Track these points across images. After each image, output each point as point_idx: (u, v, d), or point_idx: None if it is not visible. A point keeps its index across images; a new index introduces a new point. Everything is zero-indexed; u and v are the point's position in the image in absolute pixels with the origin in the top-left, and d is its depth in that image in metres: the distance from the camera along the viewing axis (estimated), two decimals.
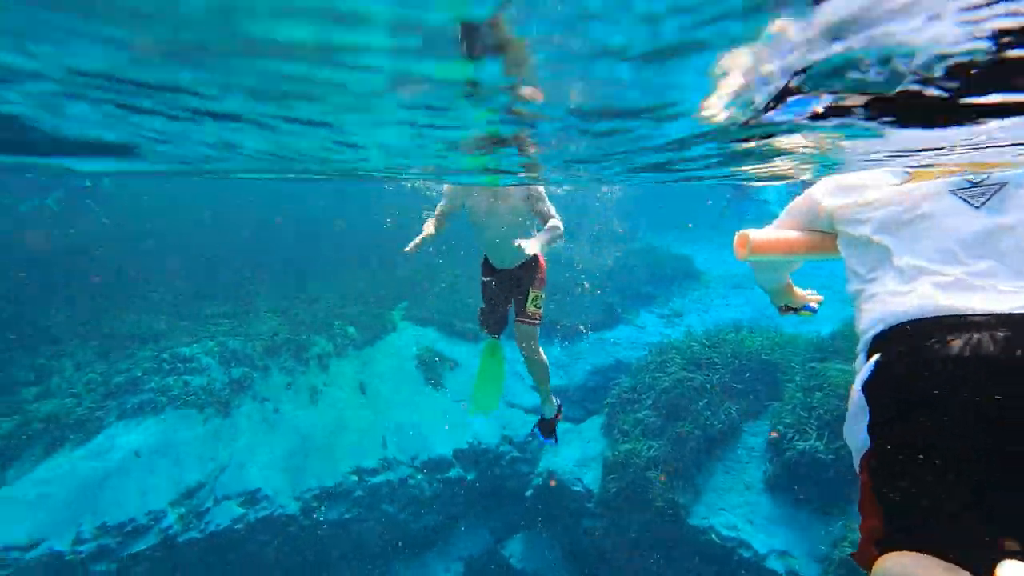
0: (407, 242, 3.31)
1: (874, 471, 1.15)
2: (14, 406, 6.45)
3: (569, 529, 6.84)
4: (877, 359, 1.20)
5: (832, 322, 7.75)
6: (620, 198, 13.49)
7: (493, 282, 3.87)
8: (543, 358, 3.80)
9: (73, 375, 7.16)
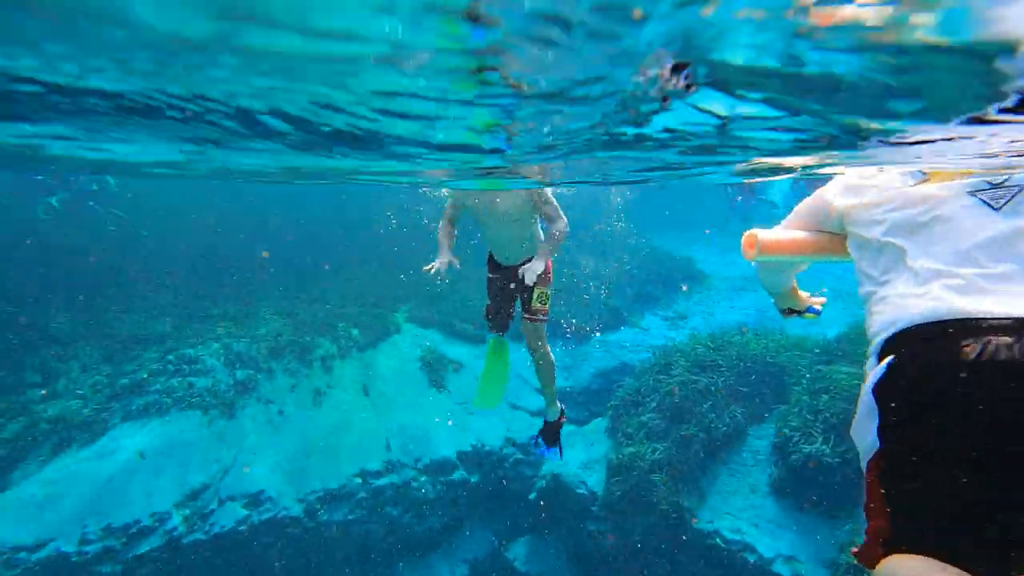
0: (410, 242, 3.31)
1: (883, 472, 1.14)
2: (21, 407, 6.49)
3: (573, 532, 6.80)
4: (890, 361, 1.19)
5: (838, 325, 7.71)
6: (624, 200, 13.48)
7: (498, 279, 3.87)
8: (550, 356, 3.79)
9: (79, 376, 7.19)
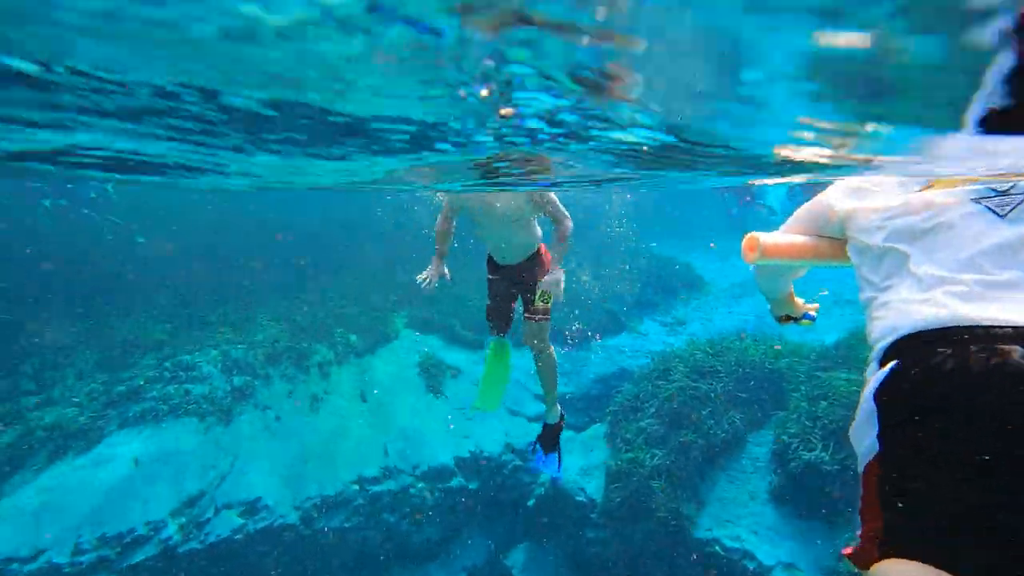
0: (408, 246, 3.30)
1: (882, 475, 1.13)
2: (16, 415, 6.44)
3: (572, 539, 6.76)
4: (893, 366, 1.18)
5: (837, 331, 7.71)
6: (623, 205, 13.51)
7: (499, 280, 3.86)
8: (552, 356, 3.78)
9: (75, 384, 7.15)
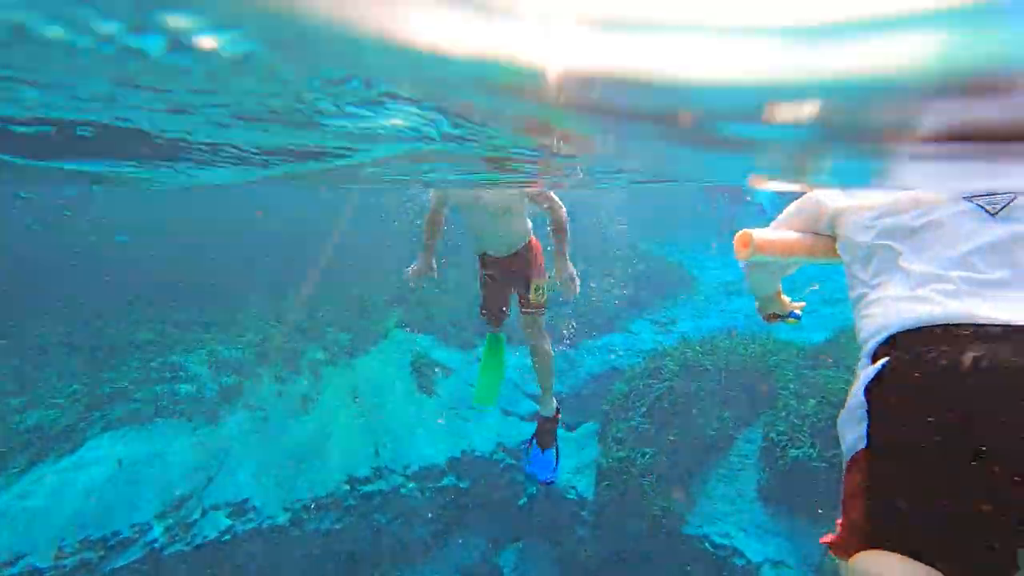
0: (400, 246, 3.28)
1: (868, 468, 1.13)
2: None
3: (564, 538, 6.77)
4: (884, 363, 1.18)
5: (825, 330, 7.78)
6: (614, 204, 13.54)
7: (490, 274, 3.84)
8: (549, 349, 3.79)
9: (57, 385, 7.02)
